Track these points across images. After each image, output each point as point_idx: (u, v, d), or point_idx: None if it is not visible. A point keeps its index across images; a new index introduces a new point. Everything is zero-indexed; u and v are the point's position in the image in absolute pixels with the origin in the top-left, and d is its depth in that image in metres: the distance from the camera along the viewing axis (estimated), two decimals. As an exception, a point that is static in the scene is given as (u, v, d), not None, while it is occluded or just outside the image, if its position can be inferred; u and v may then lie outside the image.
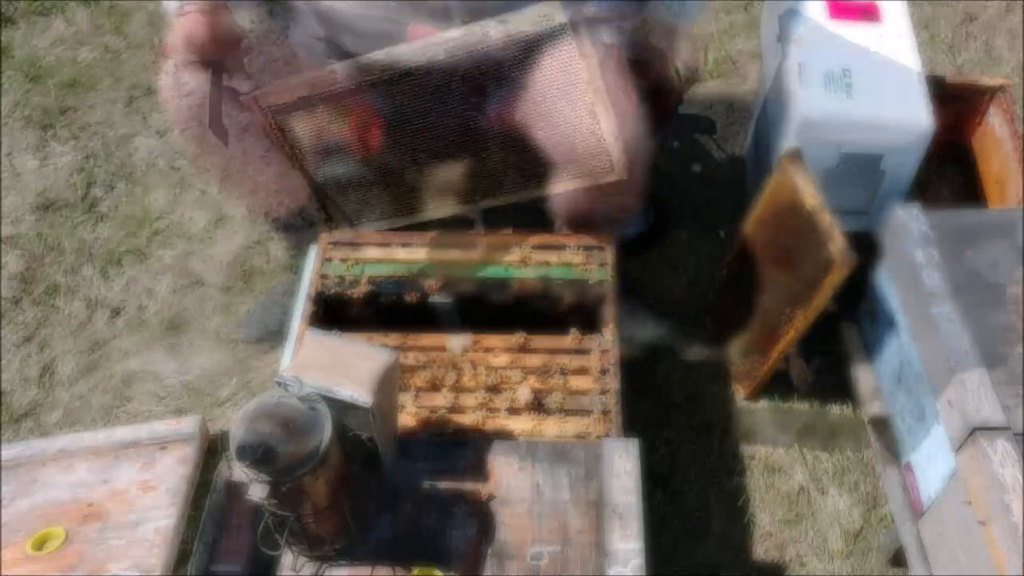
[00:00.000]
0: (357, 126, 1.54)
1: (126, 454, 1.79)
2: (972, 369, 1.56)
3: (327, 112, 1.54)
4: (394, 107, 1.52)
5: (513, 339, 1.72)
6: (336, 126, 1.55)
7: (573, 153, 1.53)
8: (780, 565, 1.86)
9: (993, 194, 2.16)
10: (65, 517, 1.69)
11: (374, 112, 1.53)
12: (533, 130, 1.53)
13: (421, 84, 1.48)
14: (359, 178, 1.63)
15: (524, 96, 1.50)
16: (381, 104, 1.53)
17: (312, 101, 1.53)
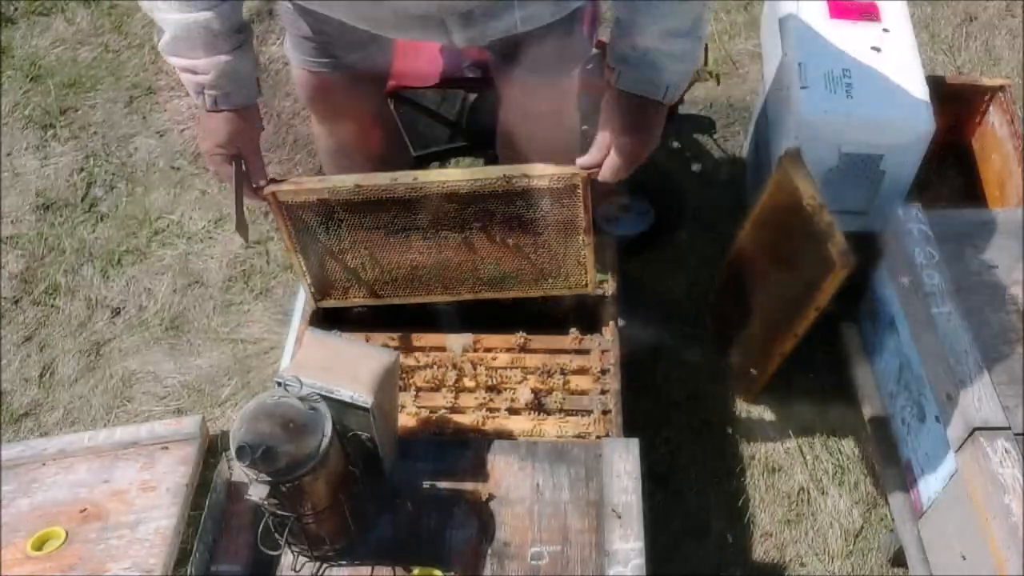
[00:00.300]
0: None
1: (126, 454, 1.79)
2: (972, 369, 1.56)
3: (341, 213, 1.62)
4: (405, 218, 1.61)
5: (513, 339, 1.72)
6: (346, 225, 1.63)
7: (558, 271, 1.69)
8: (780, 565, 1.86)
9: (993, 194, 2.16)
10: (65, 517, 1.69)
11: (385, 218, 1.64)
12: (525, 249, 1.66)
13: (437, 204, 1.58)
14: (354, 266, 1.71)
15: (525, 224, 1.62)
16: (394, 214, 1.61)
17: (329, 204, 1.59)
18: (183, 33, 1.40)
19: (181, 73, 1.46)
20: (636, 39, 1.40)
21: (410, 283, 1.70)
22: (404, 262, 1.67)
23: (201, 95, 1.46)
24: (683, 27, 1.39)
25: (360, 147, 1.90)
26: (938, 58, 2.78)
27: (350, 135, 1.87)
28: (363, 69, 1.71)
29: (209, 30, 1.39)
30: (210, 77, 1.44)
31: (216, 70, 1.43)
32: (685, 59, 1.43)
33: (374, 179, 1.54)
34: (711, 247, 2.29)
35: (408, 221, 1.60)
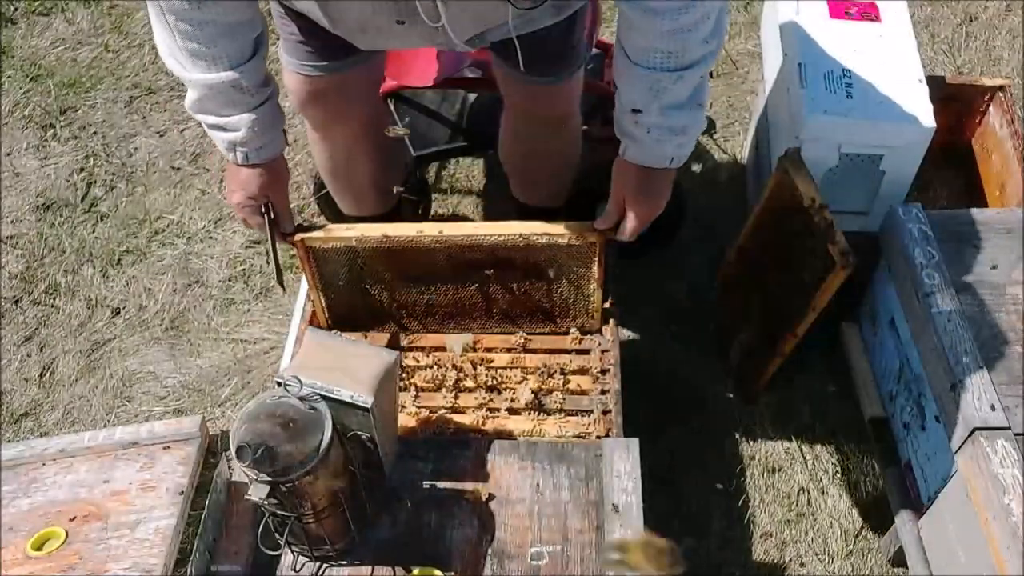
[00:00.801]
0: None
1: (126, 454, 1.79)
2: (972, 369, 1.56)
3: (365, 258, 1.68)
4: (426, 263, 1.68)
5: (513, 339, 1.72)
6: (369, 269, 1.70)
7: (567, 313, 1.75)
8: (780, 565, 1.86)
9: (993, 194, 2.16)
10: (65, 517, 1.69)
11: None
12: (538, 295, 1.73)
13: (458, 253, 1.66)
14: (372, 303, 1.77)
15: (540, 273, 1.69)
16: (416, 259, 1.67)
17: (354, 250, 1.66)
18: (212, 92, 1.41)
19: (210, 130, 1.49)
20: (639, 115, 1.44)
21: (425, 318, 1.76)
22: (421, 300, 1.72)
23: (233, 152, 1.49)
24: (681, 99, 1.42)
25: (357, 154, 1.89)
26: (938, 58, 2.78)
27: (346, 141, 1.86)
28: (357, 73, 1.71)
29: (238, 88, 1.41)
30: (241, 134, 1.46)
31: (246, 127, 1.45)
32: (688, 131, 1.47)
33: (400, 230, 1.61)
34: (711, 247, 2.29)
35: (429, 266, 1.66)
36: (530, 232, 1.61)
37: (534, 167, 1.98)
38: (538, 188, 2.04)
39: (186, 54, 1.38)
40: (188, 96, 1.45)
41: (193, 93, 1.43)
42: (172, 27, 1.35)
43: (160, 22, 1.36)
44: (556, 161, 1.95)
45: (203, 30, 1.35)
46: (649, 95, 1.42)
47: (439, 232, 1.61)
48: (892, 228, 1.80)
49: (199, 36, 1.35)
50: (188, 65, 1.39)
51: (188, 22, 1.34)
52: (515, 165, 2.02)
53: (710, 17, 1.35)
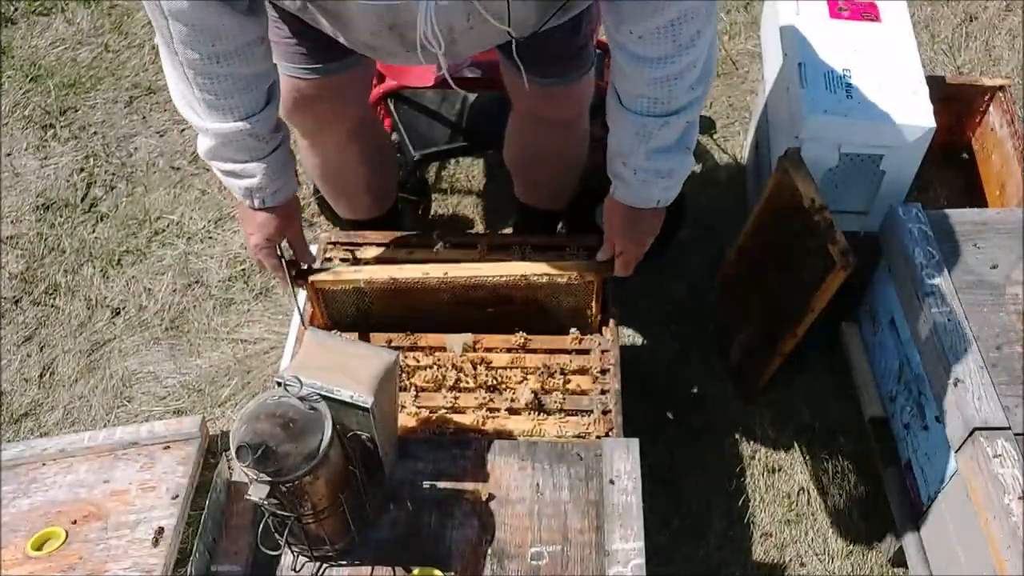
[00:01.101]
0: None
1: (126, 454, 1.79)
2: (972, 369, 1.56)
3: (373, 296, 1.72)
4: (433, 299, 1.73)
5: (513, 339, 1.72)
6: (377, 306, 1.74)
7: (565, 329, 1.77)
8: (780, 565, 1.86)
9: (993, 194, 2.16)
10: (65, 517, 1.69)
11: None
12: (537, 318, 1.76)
13: (464, 293, 1.72)
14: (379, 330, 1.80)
15: (541, 306, 1.74)
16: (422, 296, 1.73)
17: (362, 291, 1.71)
18: (227, 140, 1.43)
19: (225, 177, 1.51)
20: (627, 158, 1.48)
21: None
22: (427, 328, 1.76)
23: (249, 197, 1.51)
24: (668, 143, 1.45)
25: (349, 158, 1.88)
26: (938, 58, 2.78)
27: (337, 146, 1.85)
28: (352, 75, 1.70)
29: (253, 136, 1.43)
30: (256, 180, 1.49)
31: (261, 172, 1.48)
32: (673, 174, 1.50)
33: (407, 272, 1.68)
34: (711, 247, 2.29)
35: (434, 303, 1.72)
36: (531, 272, 1.67)
37: (539, 169, 1.98)
38: (542, 189, 2.04)
39: (203, 105, 1.40)
40: (201, 143, 1.48)
41: (208, 141, 1.46)
42: (191, 80, 1.37)
43: (177, 72, 1.38)
44: (561, 164, 1.95)
45: (221, 83, 1.37)
46: (636, 139, 1.45)
47: (444, 274, 1.68)
48: (892, 228, 1.80)
49: (217, 89, 1.37)
50: (204, 115, 1.41)
51: (207, 76, 1.35)
52: (520, 167, 2.02)
53: (696, 65, 1.37)
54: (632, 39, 1.34)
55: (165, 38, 1.33)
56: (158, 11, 1.29)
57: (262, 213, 1.54)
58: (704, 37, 1.36)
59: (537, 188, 2.04)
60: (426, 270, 1.68)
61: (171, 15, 1.28)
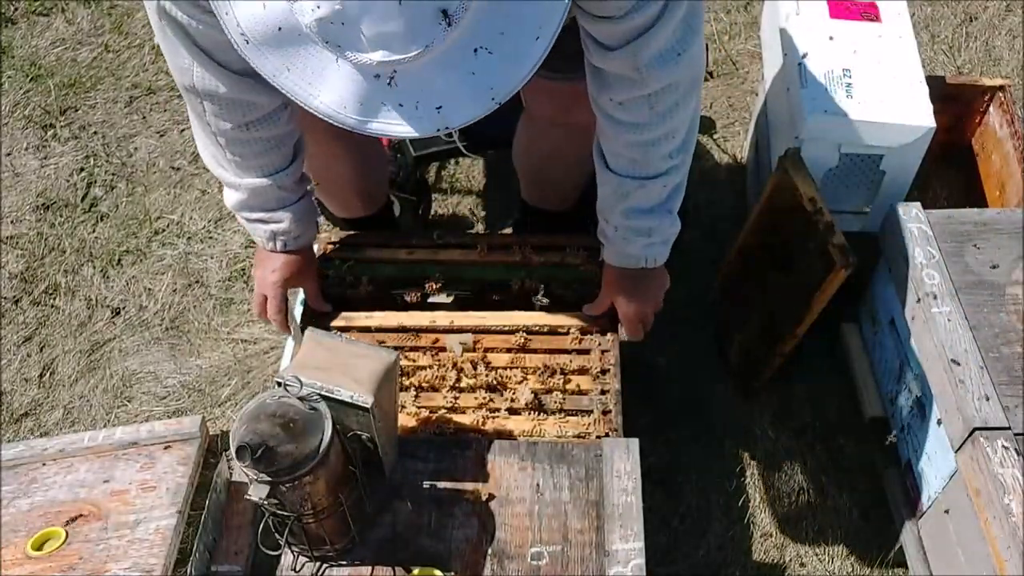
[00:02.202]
0: None
1: (126, 454, 1.79)
2: (972, 369, 1.56)
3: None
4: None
5: (513, 339, 1.72)
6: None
7: None
8: (780, 565, 1.86)
9: (993, 194, 2.16)
10: (65, 517, 1.69)
11: None
12: None
13: None
14: None
15: None
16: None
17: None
18: (256, 193, 1.50)
19: (250, 224, 1.58)
20: (607, 215, 1.54)
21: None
22: None
23: (273, 241, 1.59)
24: (644, 205, 1.49)
25: (335, 159, 1.87)
26: (938, 58, 2.78)
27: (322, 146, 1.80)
28: None
29: (282, 187, 1.51)
30: (283, 225, 1.57)
31: (288, 219, 1.56)
32: (653, 233, 1.55)
33: (416, 319, 1.75)
34: (711, 247, 2.29)
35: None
36: (533, 324, 1.73)
37: (549, 172, 1.97)
38: (550, 191, 2.03)
39: (233, 165, 1.47)
40: (229, 196, 1.54)
41: (236, 195, 1.52)
42: (223, 146, 1.44)
43: (208, 139, 1.44)
44: (572, 167, 1.94)
45: (252, 146, 1.44)
46: (615, 198, 1.51)
47: (451, 322, 1.74)
48: (892, 228, 1.80)
49: (247, 152, 1.45)
50: (234, 172, 1.48)
51: (238, 142, 1.43)
52: (529, 169, 2.01)
53: (675, 136, 1.42)
54: (612, 105, 1.39)
55: (197, 112, 1.41)
56: (192, 90, 1.35)
57: (284, 255, 1.61)
58: (683, 109, 1.39)
59: (545, 190, 2.04)
60: (433, 318, 1.75)
61: (205, 94, 1.35)
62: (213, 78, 1.32)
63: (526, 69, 1.03)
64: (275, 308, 1.66)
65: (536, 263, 1.81)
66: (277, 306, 1.66)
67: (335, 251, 1.85)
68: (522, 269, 1.80)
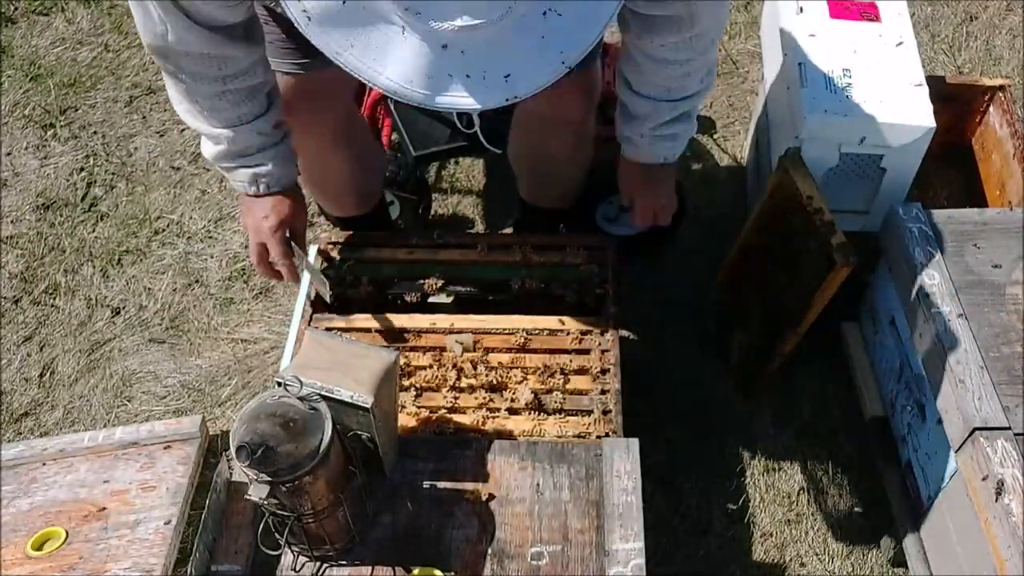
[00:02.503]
0: None
1: (126, 454, 1.79)
2: (972, 369, 1.56)
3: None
4: None
5: (513, 339, 1.72)
6: None
7: None
8: (780, 565, 1.86)
9: (993, 194, 2.16)
10: (65, 517, 1.69)
11: None
12: None
13: None
14: None
15: None
16: None
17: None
18: (235, 139, 1.50)
19: (232, 172, 1.56)
20: (637, 128, 1.62)
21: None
22: None
23: (255, 183, 1.56)
24: (674, 116, 1.60)
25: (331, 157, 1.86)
26: (938, 58, 2.78)
27: (319, 145, 1.82)
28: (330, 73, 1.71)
29: (260, 132, 1.51)
30: (267, 167, 1.55)
31: (270, 160, 1.54)
32: (678, 137, 1.66)
33: (416, 322, 1.76)
34: (711, 247, 2.29)
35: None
36: (532, 327, 1.74)
37: (546, 170, 1.97)
38: (548, 190, 2.04)
39: (212, 115, 1.47)
40: (208, 147, 1.54)
41: (215, 145, 1.52)
42: (200, 101, 1.45)
43: (181, 93, 1.45)
44: (570, 164, 1.95)
45: (228, 98, 1.45)
46: (646, 117, 1.60)
47: (451, 324, 1.75)
48: (892, 228, 1.80)
49: (224, 104, 1.45)
50: (212, 122, 1.48)
51: (213, 96, 1.43)
52: (526, 167, 2.01)
53: (709, 63, 1.54)
54: (655, 46, 1.47)
55: (170, 72, 1.42)
56: (165, 51, 1.36)
57: (272, 197, 1.57)
58: (717, 39, 1.52)
59: (543, 188, 2.04)
60: (433, 320, 1.75)
61: (181, 53, 1.36)
62: (189, 35, 1.32)
63: (597, 30, 1.03)
64: (279, 253, 1.59)
65: (536, 263, 1.81)
66: (281, 251, 1.59)
67: (334, 250, 1.85)
68: (522, 269, 1.81)
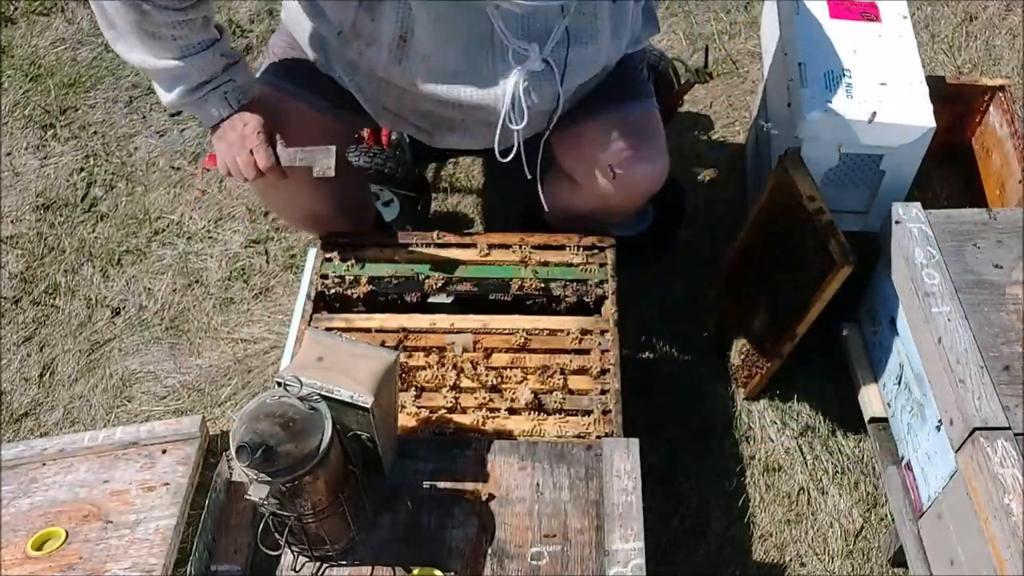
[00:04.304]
0: None
1: (126, 454, 1.79)
2: (972, 369, 1.56)
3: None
4: None
5: (513, 339, 1.72)
6: None
7: None
8: (780, 565, 1.86)
9: (993, 194, 2.16)
10: (65, 517, 1.69)
11: None
12: None
13: None
14: None
15: None
16: None
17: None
18: (204, 66, 1.53)
19: (202, 102, 1.57)
20: None
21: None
22: None
23: (226, 103, 1.58)
24: None
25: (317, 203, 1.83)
26: (938, 58, 2.78)
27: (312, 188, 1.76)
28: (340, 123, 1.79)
29: (223, 53, 1.56)
30: (237, 82, 1.57)
31: (236, 74, 1.57)
32: None
33: (416, 322, 1.75)
34: (711, 247, 2.29)
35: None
36: (532, 327, 1.73)
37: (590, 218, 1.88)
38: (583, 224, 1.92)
39: (176, 48, 1.51)
40: (172, 89, 1.56)
41: (180, 82, 1.54)
42: (167, 37, 1.49)
43: (144, 38, 1.49)
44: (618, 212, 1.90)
45: (191, 26, 1.50)
46: None
47: (451, 324, 1.74)
48: (892, 228, 1.80)
49: (184, 32, 1.50)
50: (177, 54, 1.51)
51: (179, 24, 1.48)
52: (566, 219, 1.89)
53: None
54: None
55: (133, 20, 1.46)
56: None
57: (246, 111, 1.58)
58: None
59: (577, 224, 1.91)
60: (433, 320, 1.75)
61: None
62: None
63: None
64: (265, 157, 1.57)
65: (536, 263, 1.81)
66: (267, 155, 1.57)
67: (334, 250, 1.85)
68: (522, 269, 1.81)
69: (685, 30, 2.86)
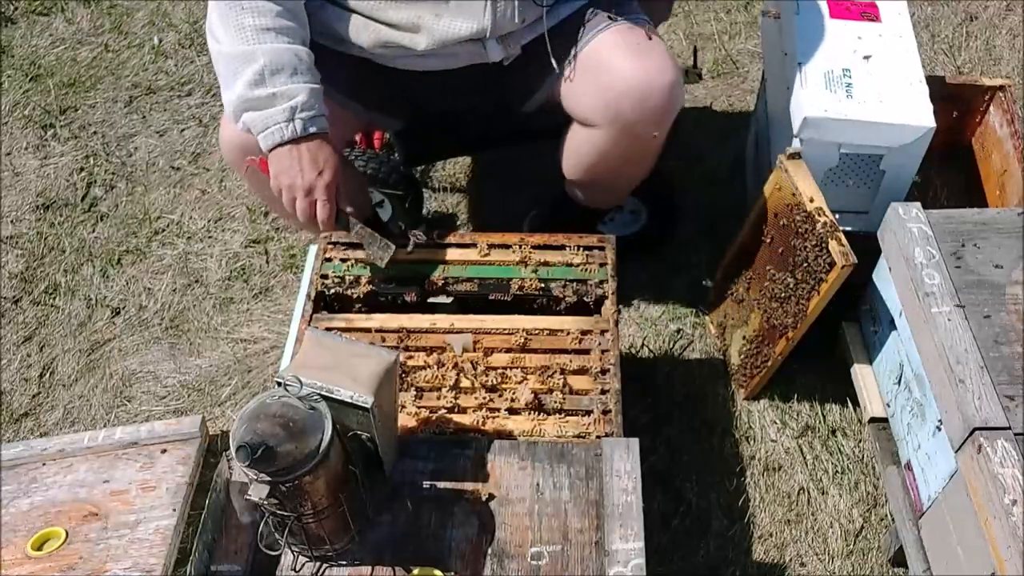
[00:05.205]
0: None
1: (126, 454, 1.79)
2: (972, 369, 1.56)
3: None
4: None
5: (513, 339, 1.72)
6: None
7: None
8: (780, 565, 1.86)
9: (993, 194, 2.16)
10: (65, 517, 1.69)
11: None
12: None
13: None
14: None
15: None
16: None
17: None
18: (277, 61, 1.45)
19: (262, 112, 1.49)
20: None
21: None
22: None
23: (291, 122, 1.49)
24: None
25: None
26: (938, 58, 2.78)
27: None
28: None
29: (301, 59, 1.48)
30: (302, 98, 1.48)
31: (306, 92, 1.49)
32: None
33: (416, 321, 1.74)
34: (711, 247, 2.29)
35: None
36: (532, 327, 1.73)
37: (612, 180, 1.91)
38: (609, 194, 1.98)
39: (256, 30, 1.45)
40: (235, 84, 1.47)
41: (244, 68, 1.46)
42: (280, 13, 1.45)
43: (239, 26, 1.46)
44: (638, 171, 1.90)
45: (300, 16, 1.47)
46: None
47: (451, 324, 1.74)
48: (892, 228, 1.80)
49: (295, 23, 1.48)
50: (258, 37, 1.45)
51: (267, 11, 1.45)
52: (589, 181, 1.93)
53: None
54: None
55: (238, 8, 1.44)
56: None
57: (314, 144, 1.50)
58: None
59: (600, 193, 1.98)
60: (434, 320, 1.74)
61: None
62: None
63: None
64: (327, 213, 1.56)
65: (536, 263, 1.81)
66: (331, 211, 1.56)
67: (334, 250, 1.85)
68: (522, 269, 1.81)
69: (685, 30, 2.86)
